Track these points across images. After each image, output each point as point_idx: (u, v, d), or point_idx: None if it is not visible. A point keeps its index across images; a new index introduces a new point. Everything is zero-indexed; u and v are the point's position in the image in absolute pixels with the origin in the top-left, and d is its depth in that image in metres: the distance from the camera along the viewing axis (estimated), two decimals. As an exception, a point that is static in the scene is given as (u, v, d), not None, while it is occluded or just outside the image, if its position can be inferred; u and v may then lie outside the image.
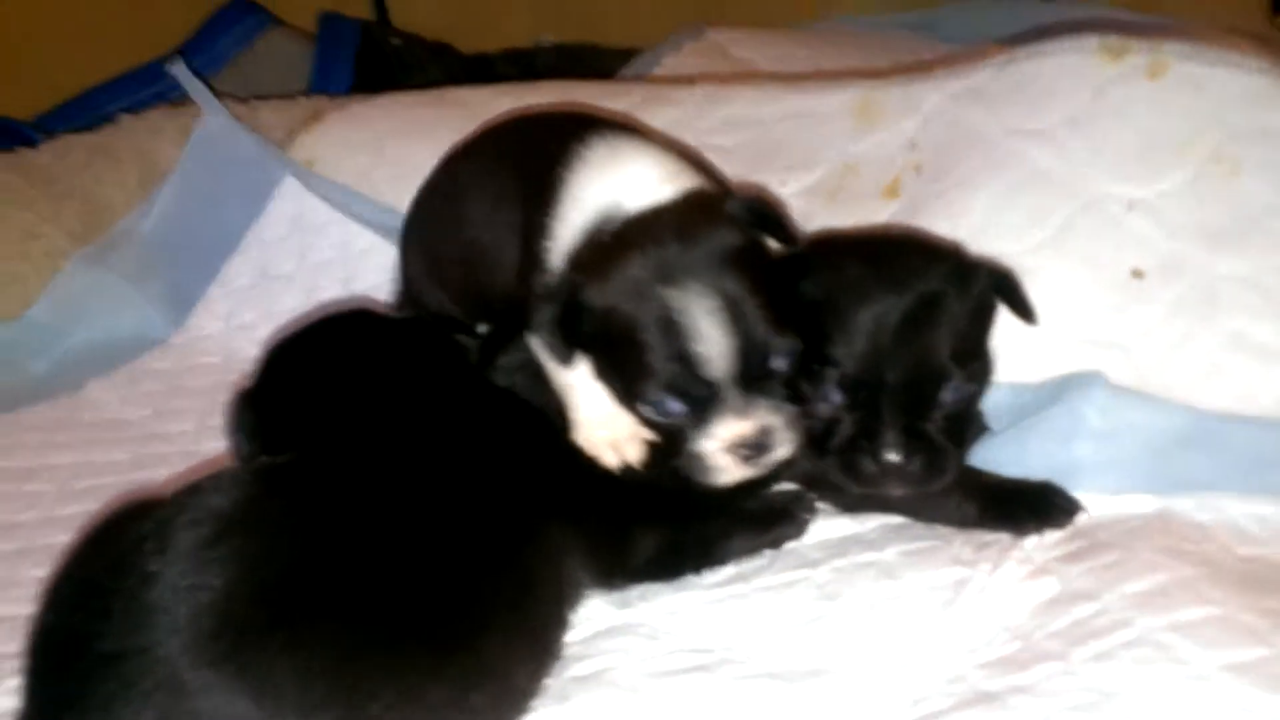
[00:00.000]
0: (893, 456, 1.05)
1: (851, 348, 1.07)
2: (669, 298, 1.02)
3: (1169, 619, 0.88)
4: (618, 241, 1.08)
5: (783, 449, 1.06)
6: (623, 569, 1.12)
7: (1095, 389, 1.15)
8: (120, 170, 1.93)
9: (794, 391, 1.09)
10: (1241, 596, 0.91)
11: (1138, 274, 1.25)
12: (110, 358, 1.79)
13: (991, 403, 1.26)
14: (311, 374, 1.21)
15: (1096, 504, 1.11)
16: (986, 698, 0.85)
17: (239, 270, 1.89)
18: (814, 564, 1.11)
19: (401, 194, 1.80)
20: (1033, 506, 1.11)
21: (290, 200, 1.89)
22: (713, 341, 1.01)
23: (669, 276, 1.03)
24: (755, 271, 1.06)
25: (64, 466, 1.52)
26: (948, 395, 1.08)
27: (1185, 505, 1.08)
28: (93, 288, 1.83)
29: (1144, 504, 1.10)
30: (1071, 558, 1.03)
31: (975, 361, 1.14)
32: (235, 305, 1.87)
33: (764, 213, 1.13)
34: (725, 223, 1.08)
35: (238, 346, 1.80)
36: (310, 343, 1.26)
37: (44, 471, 1.51)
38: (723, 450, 1.05)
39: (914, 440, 1.06)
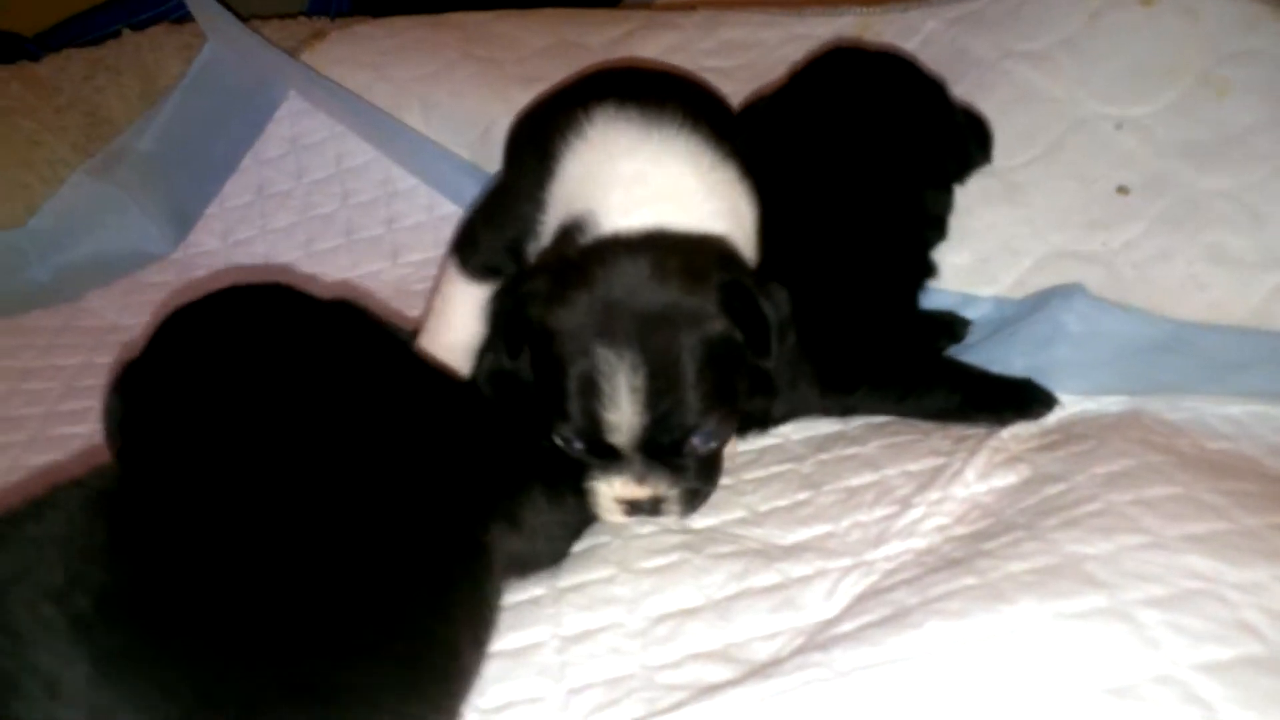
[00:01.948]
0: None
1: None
2: (599, 356, 0.96)
3: (1134, 495, 0.91)
4: (584, 261, 1.01)
5: (671, 518, 1.06)
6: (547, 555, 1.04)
7: (1076, 298, 1.18)
8: (121, 83, 1.94)
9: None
10: (1207, 480, 0.94)
11: (1123, 190, 1.27)
12: (110, 270, 1.81)
13: (976, 315, 1.30)
14: (197, 357, 0.98)
15: (1072, 404, 1.14)
16: (953, 563, 0.89)
17: (237, 189, 1.90)
18: (799, 458, 1.14)
19: (400, 112, 1.82)
20: (1013, 398, 1.15)
21: (289, 121, 1.91)
22: (623, 414, 0.97)
23: (608, 333, 0.96)
24: (707, 354, 0.98)
25: (68, 367, 1.55)
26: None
27: (1158, 405, 1.11)
28: (95, 201, 1.85)
29: (1118, 404, 1.13)
30: (1045, 448, 1.06)
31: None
32: (233, 223, 1.89)
33: (756, 311, 1.00)
34: (702, 295, 0.99)
35: (236, 261, 1.83)
36: (206, 318, 1.03)
37: (48, 371, 1.54)
38: (613, 501, 1.04)
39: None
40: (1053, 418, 1.13)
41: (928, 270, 1.32)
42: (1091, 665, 0.76)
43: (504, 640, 0.95)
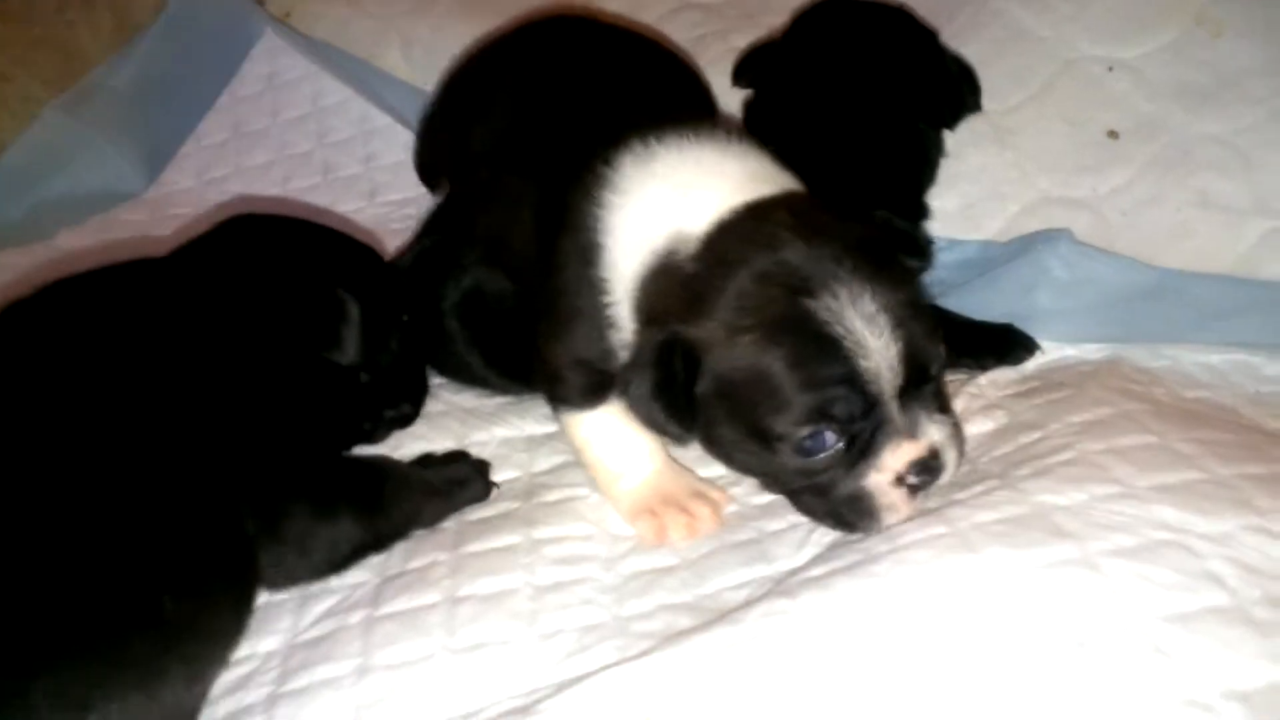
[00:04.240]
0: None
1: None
2: (812, 309, 0.82)
3: (1107, 444, 0.91)
4: (711, 263, 0.87)
5: (948, 472, 0.88)
6: (309, 567, 0.98)
7: (1061, 243, 1.16)
8: (94, 17, 1.89)
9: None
10: (1181, 429, 0.93)
11: (1113, 134, 1.25)
12: (83, 208, 1.78)
13: (961, 258, 1.28)
14: None
15: (1053, 350, 1.13)
16: (925, 512, 0.88)
17: (212, 128, 1.87)
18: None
19: (380, 47, 1.79)
20: (994, 343, 1.13)
21: (264, 60, 1.87)
22: (875, 352, 0.82)
23: (804, 284, 0.83)
24: (900, 267, 0.87)
25: (37, 307, 1.52)
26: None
27: (1138, 353, 1.10)
28: (66, 138, 1.81)
29: (1099, 351, 1.12)
30: (1023, 395, 1.06)
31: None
32: (208, 161, 1.86)
33: (894, 224, 0.93)
34: (845, 219, 0.88)
35: (210, 199, 1.80)
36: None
37: (17, 310, 1.51)
38: (892, 482, 0.86)
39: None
40: (1032, 364, 1.12)
41: (923, 213, 1.30)
42: (1057, 616, 0.75)
43: (475, 585, 0.95)
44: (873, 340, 0.82)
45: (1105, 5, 1.31)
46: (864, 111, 1.27)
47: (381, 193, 1.68)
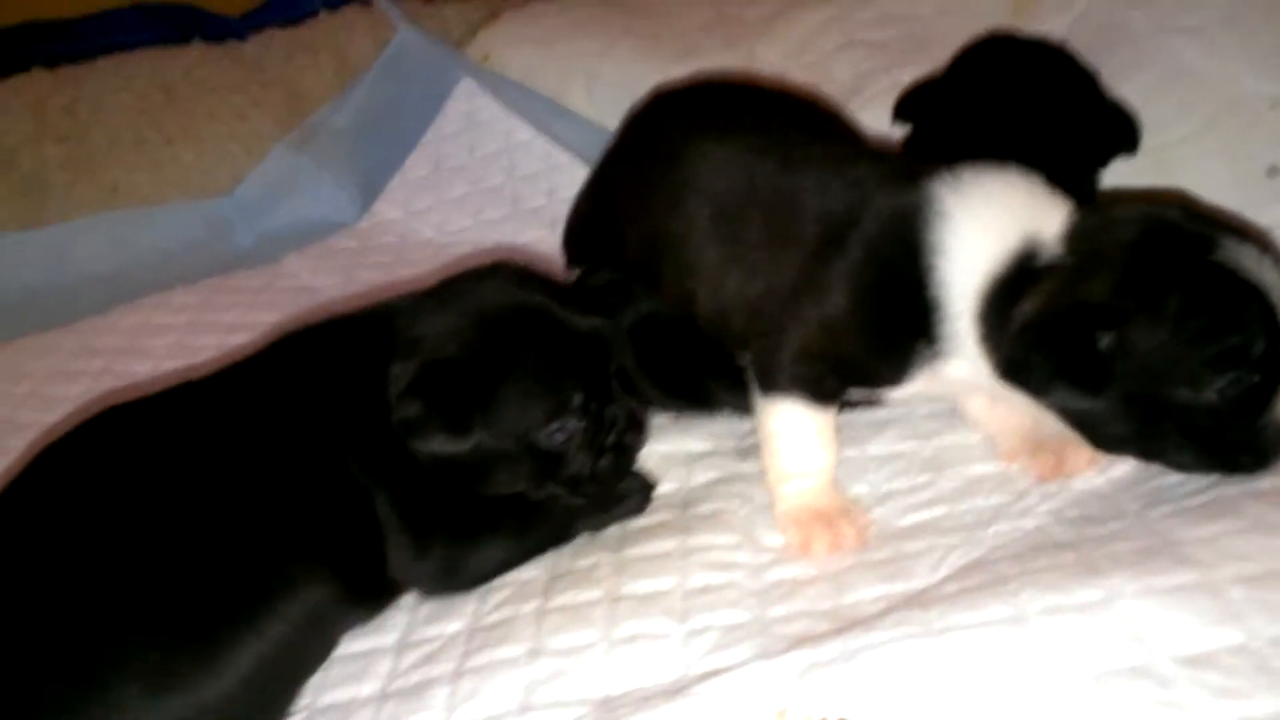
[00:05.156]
0: None
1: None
2: (1219, 258, 0.90)
3: (1245, 487, 0.93)
4: (1090, 248, 0.95)
5: None
6: (456, 585, 1.11)
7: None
8: (318, 62, 2.13)
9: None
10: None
11: (1275, 171, 1.25)
12: (305, 235, 2.02)
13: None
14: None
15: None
16: (1057, 542, 0.92)
17: (417, 163, 2.09)
18: (924, 437, 1.18)
19: (566, 85, 1.95)
20: None
21: (464, 100, 2.08)
22: (1275, 289, 0.89)
23: (1202, 240, 0.91)
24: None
25: (266, 323, 1.74)
26: None
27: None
28: (293, 172, 2.07)
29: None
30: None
31: None
32: (413, 194, 2.07)
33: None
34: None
35: (414, 229, 2.01)
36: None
37: (250, 325, 1.73)
38: None
39: None
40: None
41: None
42: (1171, 635, 0.78)
43: (634, 585, 1.05)
44: (1272, 279, 0.90)
45: (1270, 39, 1.31)
46: (1022, 151, 1.30)
47: (561, 223, 1.82)
